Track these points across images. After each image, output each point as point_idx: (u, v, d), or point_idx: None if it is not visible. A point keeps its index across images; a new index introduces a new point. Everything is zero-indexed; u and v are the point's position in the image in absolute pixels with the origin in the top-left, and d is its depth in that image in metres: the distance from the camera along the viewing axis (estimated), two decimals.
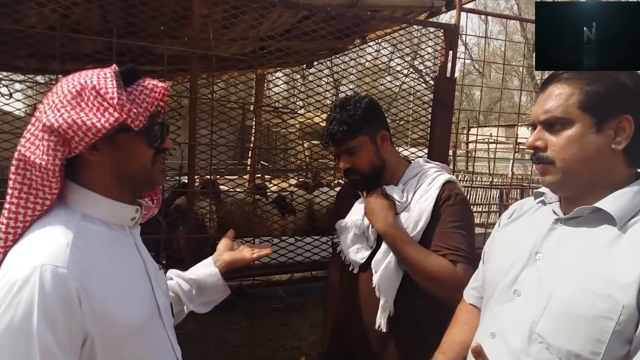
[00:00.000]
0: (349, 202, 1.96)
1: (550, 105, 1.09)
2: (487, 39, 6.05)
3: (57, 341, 0.90)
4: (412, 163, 1.89)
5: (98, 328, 0.96)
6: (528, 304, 1.08)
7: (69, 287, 0.91)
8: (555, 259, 1.07)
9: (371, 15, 2.79)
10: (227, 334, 4.17)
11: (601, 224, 1.04)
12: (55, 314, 0.89)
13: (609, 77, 1.05)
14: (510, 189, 9.00)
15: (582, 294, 0.98)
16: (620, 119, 1.04)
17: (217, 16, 2.67)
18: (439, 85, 2.84)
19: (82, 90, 0.99)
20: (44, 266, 0.91)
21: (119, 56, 2.29)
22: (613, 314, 0.94)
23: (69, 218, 1.01)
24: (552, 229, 1.12)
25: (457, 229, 1.67)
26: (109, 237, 1.07)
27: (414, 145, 3.40)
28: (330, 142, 1.79)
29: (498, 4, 26.43)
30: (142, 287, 1.13)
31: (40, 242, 0.96)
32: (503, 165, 12.20)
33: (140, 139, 1.07)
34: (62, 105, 0.99)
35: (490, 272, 1.27)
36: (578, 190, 1.10)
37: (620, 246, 0.99)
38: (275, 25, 3.14)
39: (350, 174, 1.81)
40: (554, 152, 1.09)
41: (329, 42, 3.46)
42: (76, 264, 0.94)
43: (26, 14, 2.58)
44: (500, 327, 1.14)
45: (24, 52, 3.42)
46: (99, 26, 3.03)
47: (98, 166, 1.05)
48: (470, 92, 25.04)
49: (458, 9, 2.89)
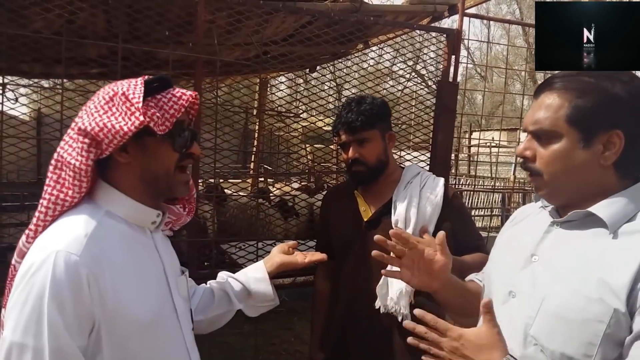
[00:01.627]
0: (338, 208, 1.98)
1: (540, 116, 1.08)
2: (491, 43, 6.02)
3: (64, 322, 0.97)
4: (408, 166, 2.01)
5: (106, 317, 1.02)
6: (523, 306, 1.09)
7: (79, 274, 0.99)
8: (550, 262, 1.08)
9: (374, 20, 2.80)
10: (229, 337, 4.17)
11: (594, 228, 1.04)
12: (64, 297, 0.97)
13: (601, 89, 1.02)
14: (512, 193, 8.99)
15: (574, 298, 0.99)
16: (610, 134, 1.02)
17: (221, 21, 2.69)
18: (441, 90, 2.85)
19: (113, 97, 1.09)
20: (59, 252, 0.99)
21: (124, 61, 2.31)
22: (604, 317, 0.94)
23: (93, 212, 1.10)
24: (548, 231, 1.13)
25: (471, 220, 1.99)
26: (129, 235, 1.14)
27: (417, 149, 3.41)
28: (346, 129, 1.83)
29: (500, 9, 26.46)
30: (157, 287, 1.18)
31: (61, 231, 1.05)
32: (505, 169, 12.18)
33: (166, 143, 1.14)
34: (96, 110, 1.08)
35: (489, 274, 1.28)
36: (569, 200, 1.10)
37: (612, 251, 0.99)
38: (278, 30, 3.16)
39: (356, 165, 1.84)
40: (542, 165, 1.09)
41: (331, 47, 3.48)
42: (90, 254, 1.02)
43: (32, 19, 2.60)
44: None
45: (29, 56, 3.44)
46: (103, 31, 3.06)
47: (126, 167, 1.13)
48: (472, 96, 25.05)
49: (460, 14, 2.91)
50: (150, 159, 1.14)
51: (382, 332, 1.80)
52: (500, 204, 9.40)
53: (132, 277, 1.09)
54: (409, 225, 1.77)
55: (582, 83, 1.04)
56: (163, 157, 1.15)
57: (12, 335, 0.97)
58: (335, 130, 1.90)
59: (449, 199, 1.86)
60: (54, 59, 3.52)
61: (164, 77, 1.14)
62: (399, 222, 1.78)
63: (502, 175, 11.92)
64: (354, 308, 1.87)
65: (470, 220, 1.99)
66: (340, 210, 1.99)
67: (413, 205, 1.80)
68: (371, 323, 1.81)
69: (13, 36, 2.49)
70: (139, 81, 1.11)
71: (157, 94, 1.11)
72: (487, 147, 11.25)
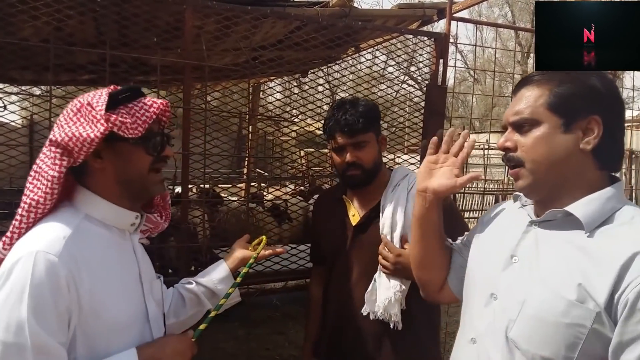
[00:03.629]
0: (327, 213, 1.99)
1: (520, 107, 1.10)
2: (481, 47, 6.08)
3: (45, 319, 1.01)
4: (396, 168, 1.98)
5: (81, 318, 1.07)
6: (504, 309, 1.09)
7: (58, 274, 1.03)
8: (530, 263, 1.08)
9: (362, 25, 2.82)
10: (222, 342, 4.16)
11: (573, 228, 1.05)
12: (44, 295, 1.01)
13: (578, 79, 1.07)
14: (505, 195, 9.02)
15: (555, 301, 0.99)
16: (588, 120, 1.05)
17: (209, 27, 2.70)
18: (430, 93, 2.87)
19: (80, 108, 1.15)
20: (39, 252, 1.03)
21: (113, 67, 2.31)
22: (586, 320, 0.95)
23: (72, 216, 1.15)
24: (527, 231, 1.13)
25: (462, 220, 1.94)
26: (107, 238, 1.19)
27: (407, 152, 3.42)
28: (344, 131, 1.79)
29: (492, 12, 26.60)
30: (132, 290, 1.23)
31: (40, 233, 1.09)
32: (498, 171, 12.23)
33: (138, 148, 1.19)
34: (65, 122, 1.14)
35: (470, 275, 1.27)
36: (549, 193, 1.10)
37: (591, 253, 0.99)
38: (267, 36, 3.17)
39: (352, 169, 1.82)
40: (523, 153, 1.10)
41: (321, 52, 3.49)
42: (69, 255, 1.06)
43: (20, 27, 2.60)
44: (478, 332, 1.15)
45: (18, 64, 3.44)
46: (92, 38, 3.06)
47: (102, 172, 1.18)
48: (465, 99, 25.13)
49: (448, 18, 2.93)
50: (124, 163, 1.19)
51: (372, 337, 1.79)
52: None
53: (108, 280, 1.14)
54: (395, 229, 1.76)
55: (560, 75, 1.09)
56: (136, 160, 1.20)
57: None
58: (330, 132, 1.84)
59: None
60: (44, 66, 3.52)
61: (135, 87, 1.22)
62: (385, 226, 1.78)
63: (495, 177, 11.97)
64: (343, 313, 1.86)
65: (461, 221, 1.95)
66: (329, 215, 1.99)
67: (400, 208, 1.79)
68: (361, 328, 1.80)
69: (1, 44, 2.49)
70: (104, 91, 1.17)
71: (129, 103, 1.17)
72: (480, 150, 11.29)
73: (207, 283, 1.51)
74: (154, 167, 1.24)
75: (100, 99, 1.14)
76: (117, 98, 1.16)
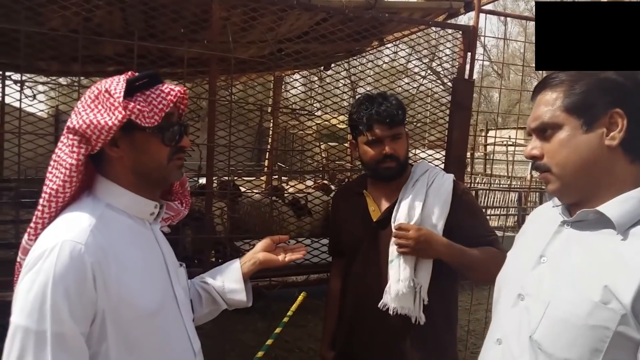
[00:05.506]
0: (347, 207, 1.98)
1: (539, 112, 1.09)
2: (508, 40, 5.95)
3: (68, 308, 1.00)
4: (417, 163, 1.98)
5: (111, 305, 1.06)
6: (530, 310, 1.06)
7: (84, 262, 1.03)
8: (558, 264, 1.06)
9: (389, 17, 2.79)
10: (243, 334, 4.19)
11: (605, 228, 1.01)
12: (68, 284, 1.01)
13: (591, 75, 1.04)
14: (529, 192, 8.89)
15: (579, 302, 0.96)
16: (610, 114, 1.01)
17: (236, 19, 2.69)
18: (457, 87, 2.82)
19: (98, 94, 1.12)
20: (65, 241, 1.03)
21: (140, 58, 2.32)
22: (610, 322, 0.92)
23: (94, 206, 1.14)
24: (558, 231, 1.10)
25: (483, 216, 1.94)
26: (130, 226, 1.18)
27: (432, 147, 3.38)
28: (387, 122, 1.77)
29: (518, 5, 26.15)
30: (159, 277, 1.22)
31: (65, 223, 1.09)
32: (522, 168, 12.05)
33: (155, 137, 1.16)
34: (83, 109, 1.12)
35: (502, 274, 1.26)
36: (581, 195, 1.07)
37: (621, 254, 0.96)
38: (293, 28, 3.16)
39: (389, 160, 1.80)
40: (549, 159, 1.08)
41: (346, 44, 3.47)
42: (95, 243, 1.06)
43: (49, 17, 2.63)
44: (504, 332, 1.13)
45: (47, 54, 3.49)
46: (120, 29, 3.08)
47: (119, 162, 1.16)
48: (489, 94, 24.81)
49: (477, 11, 2.87)
50: (140, 153, 1.16)
51: (391, 332, 1.78)
52: (517, 203, 9.31)
53: (135, 267, 1.13)
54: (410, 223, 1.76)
55: (573, 75, 1.06)
56: (153, 150, 1.17)
57: (16, 319, 1.00)
58: (368, 124, 1.79)
59: (458, 195, 1.83)
60: (71, 56, 3.56)
61: (152, 73, 1.17)
62: (399, 220, 1.77)
63: (518, 174, 11.80)
64: (361, 307, 1.85)
65: (482, 216, 1.94)
66: (349, 210, 1.97)
67: (417, 203, 1.78)
68: (379, 323, 1.79)
69: (30, 34, 2.52)
70: (121, 78, 1.14)
71: (146, 90, 1.14)
72: (503, 146, 11.14)
73: (218, 285, 1.47)
74: (174, 158, 1.21)
75: (118, 85, 1.11)
76: (135, 85, 1.12)
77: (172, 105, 1.17)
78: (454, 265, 1.74)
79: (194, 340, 1.28)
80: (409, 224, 1.72)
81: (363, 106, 1.82)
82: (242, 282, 1.47)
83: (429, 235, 1.69)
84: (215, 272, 1.51)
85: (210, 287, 1.48)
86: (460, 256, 1.72)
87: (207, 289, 1.48)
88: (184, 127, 1.23)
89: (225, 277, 1.49)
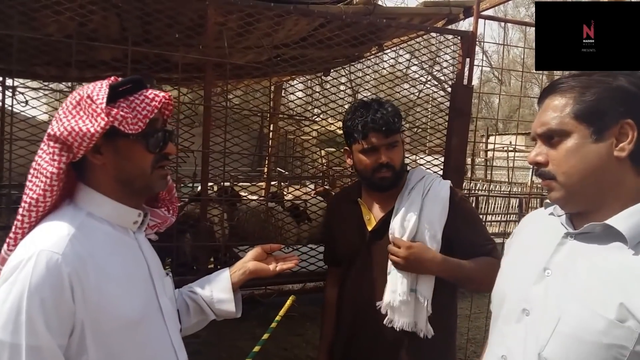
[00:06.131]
0: (342, 216, 1.95)
1: (546, 117, 1.05)
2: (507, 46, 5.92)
3: (44, 320, 0.97)
4: (412, 169, 1.92)
5: (90, 316, 1.03)
6: (537, 325, 1.03)
7: (61, 272, 0.99)
8: (566, 278, 1.02)
9: (387, 22, 2.76)
10: (240, 342, 4.14)
11: (613, 241, 0.98)
12: (45, 295, 0.98)
13: (603, 83, 1.00)
14: (529, 198, 8.85)
15: (593, 319, 0.93)
16: (621, 125, 0.98)
17: (232, 24, 2.67)
18: (456, 93, 2.80)
19: (80, 100, 1.09)
20: (42, 251, 1.00)
21: (135, 64, 2.30)
22: (627, 341, 0.89)
23: (75, 214, 1.11)
24: (562, 243, 1.07)
25: (480, 224, 1.91)
26: (112, 235, 1.14)
27: (431, 153, 3.35)
28: (383, 130, 1.72)
29: (519, 12, 26.20)
30: (143, 287, 1.18)
31: (43, 232, 1.06)
32: (523, 174, 12.02)
33: (139, 144, 1.14)
34: (64, 115, 1.09)
35: (499, 288, 1.21)
36: (586, 206, 1.04)
37: (633, 269, 0.93)
38: (291, 33, 3.14)
39: (385, 170, 1.75)
40: (554, 167, 1.04)
41: (344, 50, 3.44)
42: (73, 253, 1.02)
43: (45, 23, 2.61)
44: (509, 349, 1.09)
45: (42, 59, 3.47)
46: (116, 34, 3.06)
47: (102, 169, 1.13)
48: (489, 100, 24.81)
49: (475, 16, 2.85)
50: (123, 160, 1.13)
51: (389, 342, 1.75)
52: (518, 209, 9.26)
53: (116, 277, 1.09)
54: (403, 236, 1.72)
55: (583, 81, 1.03)
56: (137, 157, 1.14)
57: None
58: (363, 132, 1.73)
59: (455, 203, 1.78)
60: (68, 62, 3.54)
61: (136, 78, 1.14)
62: (395, 232, 1.73)
63: (519, 180, 11.77)
64: (359, 317, 1.82)
65: (480, 224, 1.91)
66: (344, 219, 1.93)
67: (412, 213, 1.74)
68: (376, 333, 1.76)
69: (24, 39, 2.50)
70: (104, 83, 1.11)
71: (130, 95, 1.11)
72: (504, 152, 11.12)
73: (206, 295, 1.44)
74: (158, 165, 1.18)
75: (100, 91, 1.08)
76: (118, 90, 1.09)
77: (157, 111, 1.14)
78: (449, 280, 1.72)
79: (180, 351, 1.25)
80: (401, 241, 1.69)
81: (358, 113, 1.77)
82: (231, 292, 1.44)
83: (420, 254, 1.66)
84: (204, 281, 1.47)
85: (198, 297, 1.44)
86: (454, 271, 1.69)
87: (194, 298, 1.44)
88: (169, 133, 1.20)
89: (214, 286, 1.45)
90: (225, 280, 1.45)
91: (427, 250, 1.69)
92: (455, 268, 1.69)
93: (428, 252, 1.68)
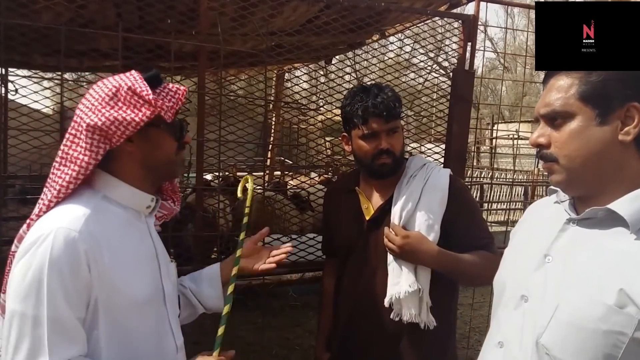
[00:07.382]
0: (339, 205, 1.91)
1: (550, 98, 1.02)
2: (512, 31, 5.81)
3: (63, 293, 1.03)
4: (412, 157, 1.88)
5: (103, 292, 1.09)
6: (535, 312, 1.00)
7: (78, 249, 1.05)
8: (565, 264, 0.99)
9: (385, 6, 2.69)
10: (243, 332, 4.14)
11: (615, 226, 0.95)
12: (63, 269, 1.03)
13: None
14: (535, 186, 8.78)
15: (592, 305, 0.90)
16: (627, 108, 0.95)
17: (227, 9, 2.62)
18: (457, 79, 2.74)
19: (117, 92, 1.14)
20: (60, 229, 1.06)
21: (126, 51, 2.26)
22: (627, 328, 0.86)
23: (91, 196, 1.17)
24: (564, 229, 1.04)
25: (479, 216, 1.87)
26: (124, 218, 1.21)
27: (432, 141, 3.31)
28: (384, 115, 1.68)
29: None
30: (150, 269, 1.25)
31: (60, 211, 1.12)
32: (528, 162, 11.93)
33: (166, 133, 1.22)
34: (101, 106, 1.13)
35: (500, 276, 1.19)
36: (587, 189, 1.01)
37: (634, 255, 0.90)
38: (289, 20, 3.08)
39: (385, 156, 1.71)
40: (557, 149, 1.01)
41: (344, 37, 3.39)
42: (89, 231, 1.08)
43: (36, 10, 2.57)
44: (506, 335, 1.07)
45: (37, 50, 3.44)
46: (114, 23, 3.02)
47: (129, 156, 1.20)
48: (495, 87, 24.59)
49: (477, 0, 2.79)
50: (153, 148, 1.21)
51: (388, 333, 1.72)
52: (523, 197, 9.21)
53: (127, 257, 1.16)
54: (401, 224, 1.69)
55: None
56: (165, 145, 1.22)
57: (12, 304, 1.03)
58: (363, 117, 1.68)
59: (454, 193, 1.74)
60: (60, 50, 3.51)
61: (157, 72, 1.21)
62: (395, 220, 1.70)
63: (525, 168, 11.68)
64: (357, 308, 1.79)
65: (478, 216, 1.86)
66: (341, 208, 1.89)
67: (411, 203, 1.70)
68: (375, 324, 1.73)
69: (14, 27, 2.46)
70: (136, 75, 1.17)
71: (156, 88, 1.18)
72: (509, 139, 11.03)
73: (196, 293, 1.47)
74: (177, 153, 1.27)
75: (139, 83, 1.15)
76: (152, 84, 1.17)
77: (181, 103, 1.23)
78: (444, 273, 1.68)
79: (177, 335, 1.30)
80: (399, 229, 1.65)
81: (357, 97, 1.72)
82: (220, 287, 1.47)
83: (415, 244, 1.62)
84: (195, 275, 1.52)
85: (187, 291, 1.48)
86: (449, 264, 1.66)
87: (184, 292, 1.47)
88: (186, 123, 1.29)
89: (203, 281, 1.49)
90: (214, 275, 1.49)
91: (423, 242, 1.65)
92: (451, 261, 1.66)
93: (424, 244, 1.64)
